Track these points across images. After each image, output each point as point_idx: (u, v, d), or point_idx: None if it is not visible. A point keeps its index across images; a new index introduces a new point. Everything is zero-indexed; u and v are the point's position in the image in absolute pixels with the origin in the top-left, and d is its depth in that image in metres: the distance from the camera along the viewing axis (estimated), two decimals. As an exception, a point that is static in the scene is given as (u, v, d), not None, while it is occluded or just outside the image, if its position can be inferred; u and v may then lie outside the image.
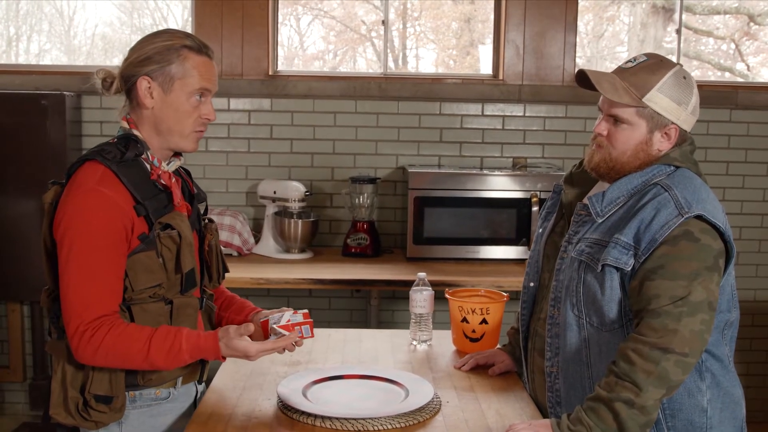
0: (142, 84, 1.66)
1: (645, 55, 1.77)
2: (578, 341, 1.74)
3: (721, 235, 1.64)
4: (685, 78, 1.73)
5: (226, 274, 1.95)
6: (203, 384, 1.88)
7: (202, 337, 1.63)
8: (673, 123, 1.71)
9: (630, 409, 1.55)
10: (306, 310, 1.78)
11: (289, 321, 1.72)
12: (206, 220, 1.89)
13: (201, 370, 1.84)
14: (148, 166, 1.69)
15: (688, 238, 1.61)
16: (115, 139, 1.70)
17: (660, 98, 1.70)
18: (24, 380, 3.71)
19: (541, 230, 1.95)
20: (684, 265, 1.59)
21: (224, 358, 1.67)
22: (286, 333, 1.70)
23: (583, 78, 1.75)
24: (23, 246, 3.36)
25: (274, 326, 1.70)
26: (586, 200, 1.78)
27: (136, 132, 1.70)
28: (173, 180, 1.75)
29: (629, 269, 1.65)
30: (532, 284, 1.93)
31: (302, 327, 1.72)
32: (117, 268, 1.61)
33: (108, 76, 1.71)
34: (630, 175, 1.74)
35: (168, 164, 1.74)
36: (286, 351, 1.81)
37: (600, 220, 1.74)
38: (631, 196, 1.72)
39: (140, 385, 1.69)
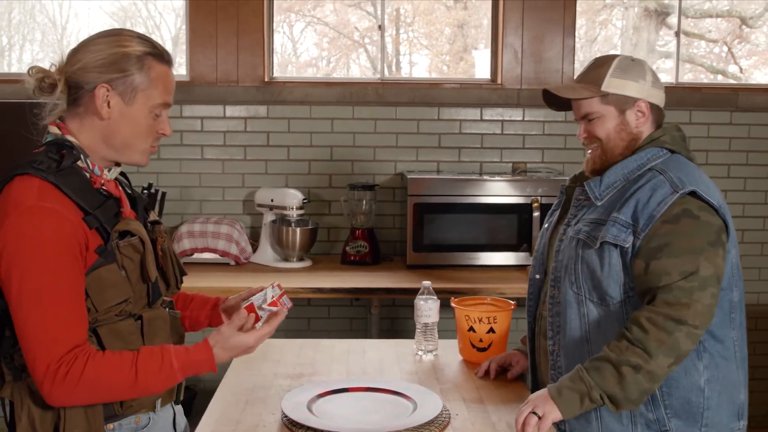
0: (101, 93, 1.50)
1: (594, 59, 1.91)
2: (578, 318, 1.79)
3: (716, 211, 1.71)
4: (633, 60, 1.86)
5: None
6: (180, 405, 1.75)
7: (191, 351, 1.51)
8: (639, 98, 1.82)
9: (636, 374, 1.61)
10: (277, 282, 1.69)
11: (273, 297, 1.64)
12: (151, 223, 1.68)
13: (178, 390, 1.68)
14: (87, 175, 1.51)
15: (688, 215, 1.68)
16: (45, 146, 1.52)
17: (616, 81, 1.81)
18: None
19: (546, 225, 2.01)
20: (688, 241, 1.66)
21: (216, 368, 1.54)
22: (276, 309, 1.63)
23: (548, 97, 1.91)
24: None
25: (264, 306, 1.62)
26: (585, 184, 1.85)
27: (70, 138, 1.52)
28: (120, 189, 1.61)
29: (628, 246, 1.71)
30: (537, 276, 1.97)
31: (283, 299, 1.66)
32: (78, 290, 1.44)
33: (47, 77, 1.53)
34: (625, 160, 1.82)
35: (109, 172, 1.57)
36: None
37: (599, 204, 1.81)
38: (627, 180, 1.80)
39: (119, 415, 1.53)
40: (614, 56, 1.86)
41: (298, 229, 3.36)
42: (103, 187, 1.53)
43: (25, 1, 4.02)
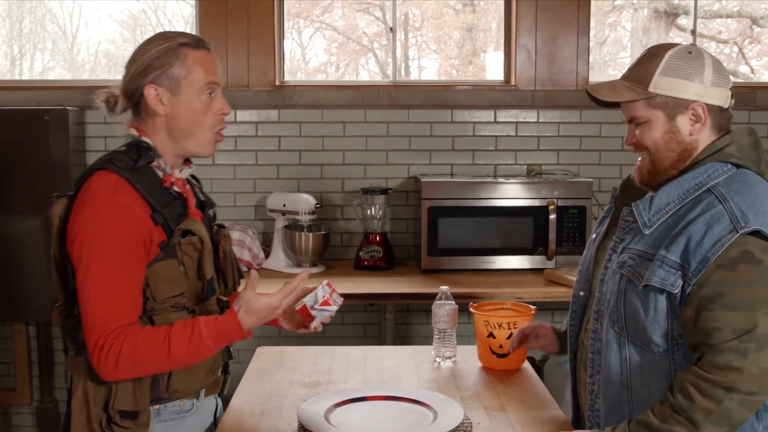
0: (150, 92, 1.62)
1: (647, 49, 1.64)
2: (618, 361, 1.61)
3: None
4: (690, 53, 1.57)
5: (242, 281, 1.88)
6: (221, 398, 1.83)
7: (219, 319, 1.57)
8: (694, 101, 1.55)
9: None
10: (326, 281, 1.73)
11: (324, 296, 1.69)
12: (217, 227, 1.83)
13: (223, 382, 1.79)
14: (161, 174, 1.64)
15: (748, 260, 1.43)
16: (124, 147, 1.65)
17: (666, 81, 1.55)
18: (31, 402, 3.63)
19: (594, 236, 1.82)
20: (746, 292, 1.43)
21: (250, 334, 1.59)
22: (331, 308, 1.70)
23: (592, 95, 1.66)
24: (28, 265, 3.28)
25: (316, 306, 1.68)
26: (632, 206, 1.61)
27: (146, 139, 1.65)
28: (187, 187, 1.72)
29: (677, 291, 1.49)
30: (581, 293, 1.78)
31: (334, 296, 1.71)
32: (136, 280, 1.56)
33: (110, 97, 1.68)
34: (681, 177, 1.57)
35: (180, 171, 1.69)
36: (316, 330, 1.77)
37: (647, 231, 1.58)
38: (681, 203, 1.55)
39: (164, 398, 1.64)
40: (669, 47, 1.59)
41: (310, 235, 3.32)
42: (173, 187, 1.65)
43: (35, 11, 4.01)
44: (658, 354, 1.55)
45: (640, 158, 1.65)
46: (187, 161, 1.73)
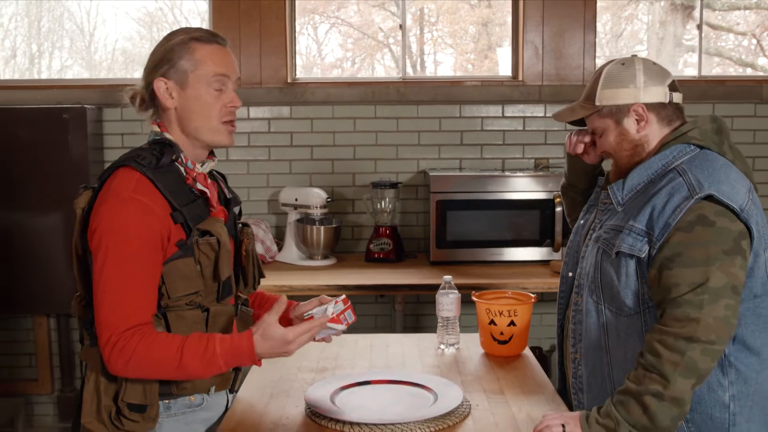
0: (159, 86, 1.65)
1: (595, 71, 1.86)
2: (597, 327, 1.77)
3: (737, 215, 1.61)
4: (623, 64, 1.79)
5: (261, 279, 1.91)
6: (234, 394, 1.84)
7: (236, 338, 1.58)
8: (633, 103, 1.75)
9: (660, 401, 1.54)
10: (344, 296, 1.76)
11: (334, 313, 1.71)
12: (241, 225, 1.85)
13: (234, 378, 1.80)
14: (183, 170, 1.66)
15: (703, 222, 1.59)
16: (148, 144, 1.68)
17: (606, 93, 1.76)
18: (52, 392, 3.73)
19: (582, 221, 1.97)
20: (701, 250, 1.58)
21: (260, 362, 1.61)
22: (339, 327, 1.70)
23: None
24: (48, 259, 3.37)
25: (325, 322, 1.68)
26: (608, 188, 1.81)
27: (168, 135, 1.67)
28: (209, 182, 1.74)
29: (644, 256, 1.65)
30: (570, 274, 1.93)
31: (345, 314, 1.73)
32: (152, 278, 1.58)
33: (135, 93, 1.71)
34: (650, 159, 1.75)
35: (202, 166, 1.72)
36: (324, 342, 1.79)
37: (620, 209, 1.76)
38: (650, 182, 1.73)
39: (174, 394, 1.67)
40: (607, 64, 1.81)
41: (322, 228, 3.39)
42: (196, 182, 1.67)
43: (54, 9, 4.11)
44: (631, 317, 1.70)
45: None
46: (210, 155, 1.75)
